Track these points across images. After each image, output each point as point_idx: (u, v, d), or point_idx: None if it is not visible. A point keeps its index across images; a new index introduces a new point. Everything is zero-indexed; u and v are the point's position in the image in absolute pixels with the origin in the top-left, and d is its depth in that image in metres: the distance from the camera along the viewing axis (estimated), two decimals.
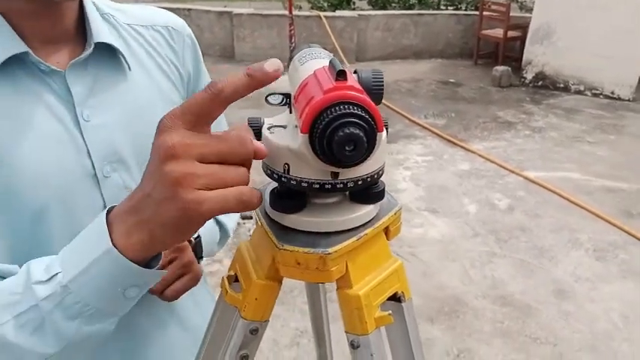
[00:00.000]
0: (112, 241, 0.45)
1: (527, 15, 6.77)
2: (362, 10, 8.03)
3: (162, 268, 0.67)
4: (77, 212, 0.66)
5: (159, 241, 0.44)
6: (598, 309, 2.64)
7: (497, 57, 6.70)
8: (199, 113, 0.42)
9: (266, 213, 0.53)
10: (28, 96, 0.63)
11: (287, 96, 0.51)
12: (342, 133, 0.39)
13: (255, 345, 0.54)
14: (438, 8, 8.32)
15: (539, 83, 6.15)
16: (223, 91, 0.41)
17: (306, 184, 0.47)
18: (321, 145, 0.40)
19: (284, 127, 0.50)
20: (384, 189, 0.53)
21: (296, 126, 0.46)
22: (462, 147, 4.54)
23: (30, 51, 0.62)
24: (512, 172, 4.08)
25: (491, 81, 6.27)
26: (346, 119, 0.39)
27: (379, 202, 0.53)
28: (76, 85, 0.66)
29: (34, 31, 0.64)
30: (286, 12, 6.48)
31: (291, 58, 0.59)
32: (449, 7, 8.44)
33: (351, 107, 0.40)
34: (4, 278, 0.52)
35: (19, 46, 0.62)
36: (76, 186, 0.66)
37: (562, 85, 6.03)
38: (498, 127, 5.06)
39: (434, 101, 5.77)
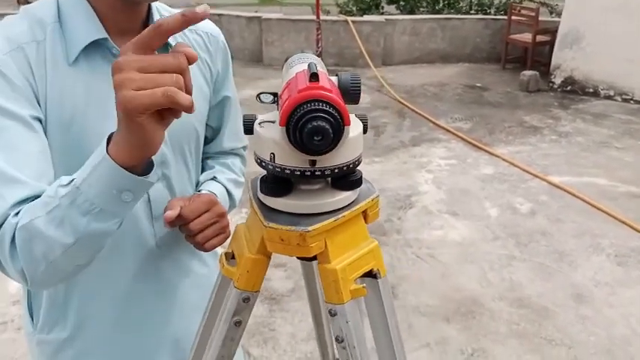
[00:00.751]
0: (106, 151, 0.60)
1: (556, 19, 6.71)
2: (390, 14, 8.08)
3: (205, 229, 0.84)
4: None
5: (131, 146, 0.58)
6: (616, 314, 2.63)
7: (526, 61, 6.66)
8: (144, 42, 0.54)
9: (258, 197, 0.61)
10: (99, 73, 0.78)
11: (276, 95, 0.59)
12: (311, 126, 0.47)
13: (248, 312, 0.62)
14: (468, 13, 8.31)
15: (568, 88, 6.08)
16: (162, 25, 0.53)
17: (288, 171, 0.55)
18: (294, 135, 0.48)
19: (273, 122, 0.58)
20: (361, 177, 0.60)
21: None
22: (485, 151, 4.54)
23: (109, 37, 0.78)
24: (536, 176, 4.07)
25: (518, 85, 6.24)
26: (314, 114, 0.47)
27: (357, 190, 0.61)
28: None
29: (114, 22, 0.79)
30: (314, 17, 6.58)
31: (286, 60, 0.67)
32: (479, 12, 8.42)
33: (319, 104, 0.47)
34: None
35: (101, 33, 0.77)
36: None
37: (591, 90, 5.96)
38: (524, 131, 5.04)
39: (459, 105, 5.77)
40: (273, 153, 0.55)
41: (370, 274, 0.61)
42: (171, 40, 0.84)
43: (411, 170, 4.22)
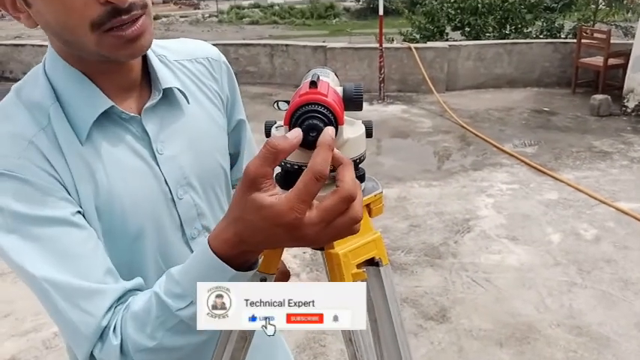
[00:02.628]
0: (233, 268, 0.59)
1: (630, 42, 6.47)
2: (454, 40, 8.09)
3: None
4: (164, 230, 0.79)
5: (258, 252, 0.62)
6: None
7: (598, 85, 6.45)
8: (312, 195, 0.55)
9: None
10: (114, 140, 0.75)
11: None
12: (307, 124, 0.56)
13: None
14: (537, 38, 8.17)
15: None
16: (324, 175, 0.55)
17: (297, 167, 0.64)
18: None
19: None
20: (364, 174, 0.68)
21: None
22: (550, 176, 4.43)
23: (115, 104, 0.74)
24: (603, 202, 3.93)
25: (589, 110, 6.04)
26: (310, 114, 0.56)
27: (362, 185, 0.68)
28: (150, 125, 0.78)
29: (109, 84, 0.75)
30: (377, 45, 6.72)
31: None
32: (548, 37, 8.25)
33: (315, 106, 0.56)
34: (138, 290, 0.70)
35: (106, 103, 0.74)
36: (162, 208, 0.79)
37: None
38: (592, 156, 4.87)
39: (525, 130, 5.67)
40: None
41: (372, 262, 0.69)
42: (176, 84, 0.81)
43: (470, 194, 4.18)
